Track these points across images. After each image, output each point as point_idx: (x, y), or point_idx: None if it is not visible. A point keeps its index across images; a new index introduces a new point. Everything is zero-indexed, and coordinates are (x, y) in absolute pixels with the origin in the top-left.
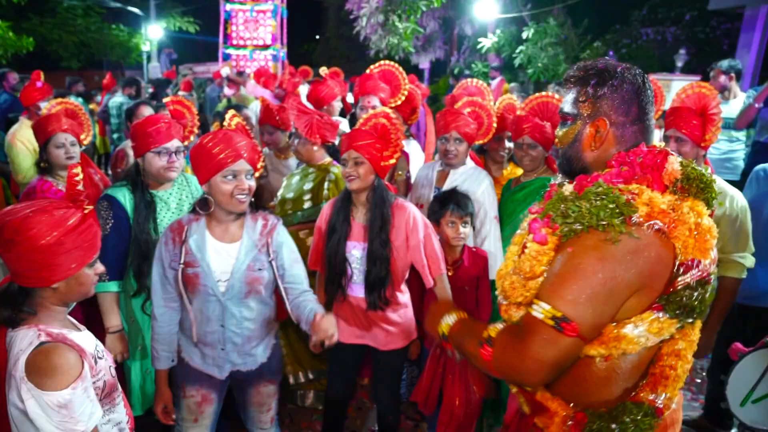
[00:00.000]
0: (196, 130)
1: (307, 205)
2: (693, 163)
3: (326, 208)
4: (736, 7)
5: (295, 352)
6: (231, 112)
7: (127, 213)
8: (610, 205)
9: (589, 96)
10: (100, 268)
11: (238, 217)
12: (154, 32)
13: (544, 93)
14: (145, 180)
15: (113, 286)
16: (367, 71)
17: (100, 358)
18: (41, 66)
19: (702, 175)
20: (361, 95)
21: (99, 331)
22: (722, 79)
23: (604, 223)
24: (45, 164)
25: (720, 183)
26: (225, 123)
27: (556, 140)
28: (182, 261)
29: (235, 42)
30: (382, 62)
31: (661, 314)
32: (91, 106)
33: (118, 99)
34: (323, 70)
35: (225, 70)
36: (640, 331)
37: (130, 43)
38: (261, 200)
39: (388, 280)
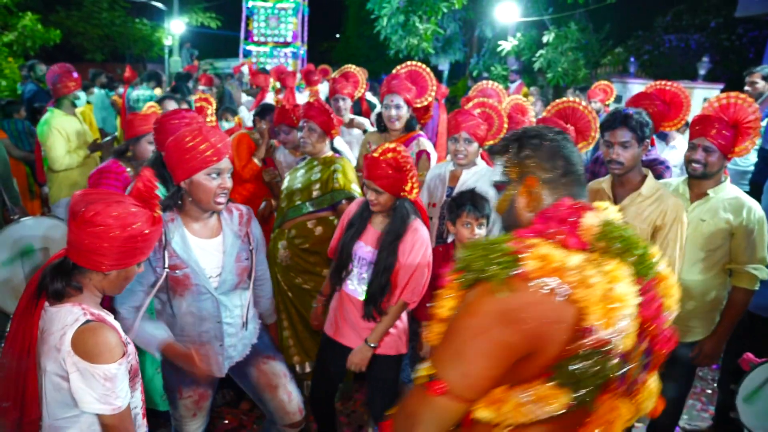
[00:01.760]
0: (213, 119)
1: (315, 194)
2: (620, 223)
3: (353, 205)
4: (764, 14)
5: (301, 342)
6: (210, 109)
7: None
8: (493, 256)
9: (513, 160)
10: (142, 267)
11: (213, 212)
12: (176, 27)
13: (571, 99)
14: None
15: None
16: (393, 71)
17: (128, 342)
18: (66, 58)
19: (623, 236)
20: (386, 94)
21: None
22: (761, 85)
23: (489, 274)
24: (130, 154)
25: (737, 193)
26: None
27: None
28: (167, 265)
29: (255, 39)
30: (409, 63)
31: (549, 382)
32: (114, 98)
33: (146, 92)
34: (346, 67)
35: (245, 69)
36: (527, 398)
37: (153, 37)
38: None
39: (387, 290)
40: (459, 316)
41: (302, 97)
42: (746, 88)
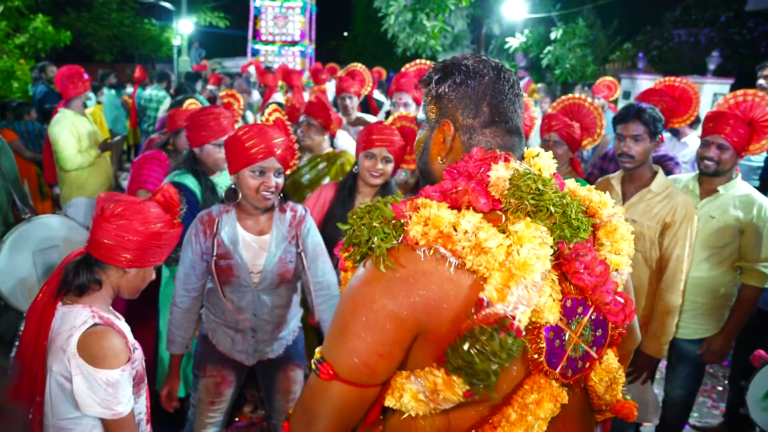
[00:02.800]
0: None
1: None
2: (534, 172)
3: (326, 191)
4: None
5: (308, 342)
6: (272, 106)
7: (198, 198)
8: (375, 224)
9: (432, 96)
10: (154, 275)
11: (267, 209)
12: (184, 27)
13: (577, 95)
14: (202, 167)
15: None
16: (403, 69)
17: (136, 348)
18: (76, 59)
19: (539, 191)
20: (395, 92)
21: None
22: None
23: (372, 246)
24: (171, 147)
25: (748, 190)
26: (264, 117)
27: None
28: (215, 253)
29: (264, 38)
30: (417, 61)
31: (442, 367)
32: (125, 97)
33: (159, 93)
34: (352, 65)
35: (252, 69)
36: (419, 387)
37: (162, 37)
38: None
39: None
40: (345, 291)
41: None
42: (760, 81)
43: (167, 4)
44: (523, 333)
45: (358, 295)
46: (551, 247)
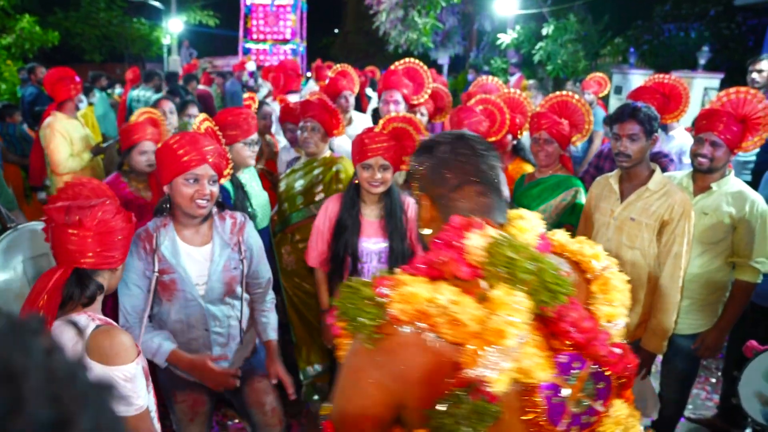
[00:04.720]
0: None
1: (318, 197)
2: (509, 238)
3: (332, 205)
4: (763, 2)
5: (306, 347)
6: (201, 115)
7: (230, 194)
8: (361, 304)
9: (411, 171)
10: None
11: (206, 219)
12: (174, 26)
13: (564, 92)
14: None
15: None
16: (392, 67)
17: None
18: (65, 59)
19: (510, 259)
20: (384, 90)
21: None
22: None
23: (359, 325)
24: (127, 167)
25: (741, 186)
26: (194, 126)
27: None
28: (156, 269)
29: (255, 36)
30: (406, 59)
31: (423, 428)
32: (115, 97)
33: (147, 93)
34: (340, 66)
35: (251, 65)
36: None
37: (151, 36)
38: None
39: None
40: (344, 360)
41: (295, 97)
42: (753, 76)
43: (156, 3)
44: (499, 397)
45: (352, 364)
46: (532, 311)
